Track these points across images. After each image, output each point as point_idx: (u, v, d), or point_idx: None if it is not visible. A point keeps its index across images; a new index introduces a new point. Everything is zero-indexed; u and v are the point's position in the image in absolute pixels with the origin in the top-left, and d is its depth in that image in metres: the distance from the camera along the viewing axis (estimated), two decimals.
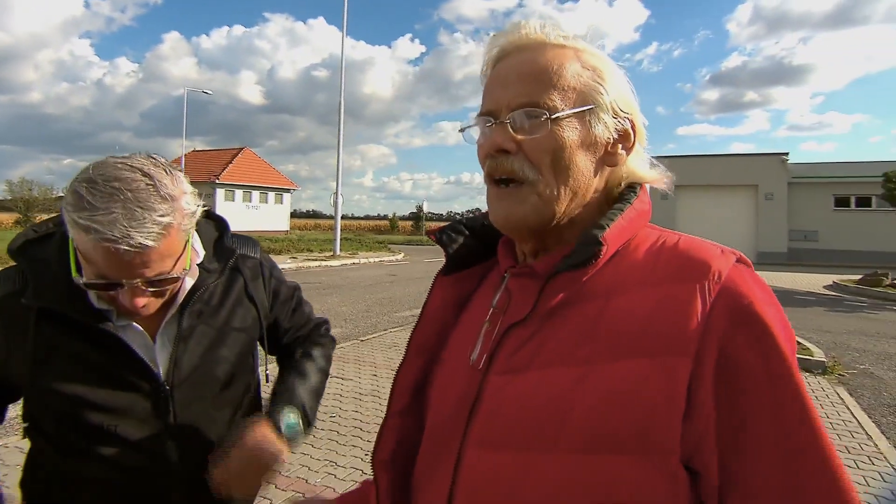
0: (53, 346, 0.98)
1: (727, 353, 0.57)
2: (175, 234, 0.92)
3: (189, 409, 1.05)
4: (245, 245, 1.21)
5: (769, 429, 0.56)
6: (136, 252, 0.87)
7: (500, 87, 0.67)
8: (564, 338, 0.62)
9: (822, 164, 27.92)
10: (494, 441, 0.62)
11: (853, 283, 14.48)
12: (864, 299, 12.61)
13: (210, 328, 1.08)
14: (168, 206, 0.91)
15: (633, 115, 0.69)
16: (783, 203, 26.47)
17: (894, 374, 6.12)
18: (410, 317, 9.07)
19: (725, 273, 0.60)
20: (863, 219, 26.10)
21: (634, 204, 0.68)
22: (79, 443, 1.01)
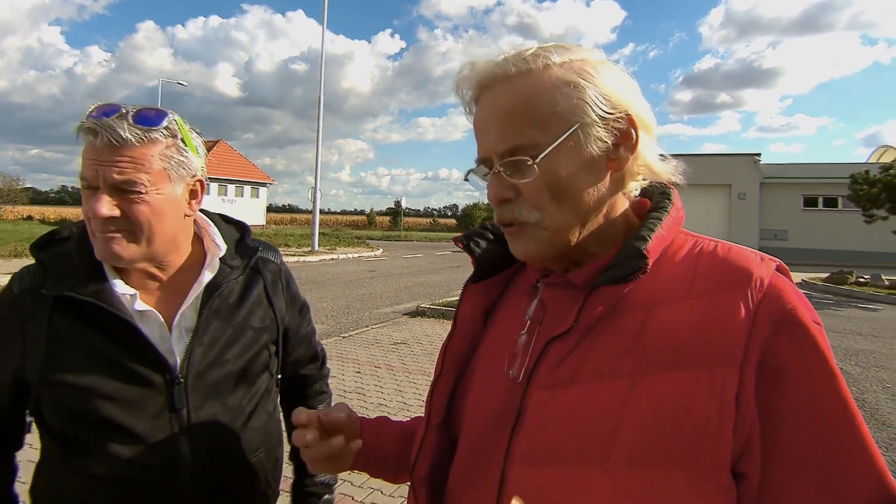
0: (67, 339, 0.97)
1: (769, 357, 0.56)
2: (155, 150, 0.94)
3: (203, 406, 1.02)
4: (267, 250, 1.20)
5: (811, 431, 0.55)
6: (111, 146, 0.90)
7: (483, 134, 0.66)
8: (607, 351, 0.61)
9: (791, 165, 28.67)
10: (541, 457, 0.61)
11: (820, 280, 14.91)
12: (830, 297, 13.01)
13: (227, 325, 1.06)
14: (163, 129, 0.94)
15: (628, 109, 0.64)
16: (755, 203, 27.10)
17: (861, 369, 6.33)
18: (391, 313, 9.06)
19: (767, 280, 0.60)
20: (830, 219, 26.89)
21: (671, 212, 0.67)
22: (90, 439, 0.98)
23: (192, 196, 1.04)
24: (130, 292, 0.99)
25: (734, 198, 27.25)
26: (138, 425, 0.97)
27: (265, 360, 1.13)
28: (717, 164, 26.76)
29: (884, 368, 6.40)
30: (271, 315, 1.14)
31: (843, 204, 25.49)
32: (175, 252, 1.05)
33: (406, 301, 10.29)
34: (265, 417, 1.14)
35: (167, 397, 0.99)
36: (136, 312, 1.00)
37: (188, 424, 1.00)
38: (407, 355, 6.25)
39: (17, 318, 0.99)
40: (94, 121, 0.91)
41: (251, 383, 1.10)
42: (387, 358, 6.10)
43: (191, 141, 1.01)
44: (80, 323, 0.97)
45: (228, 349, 1.06)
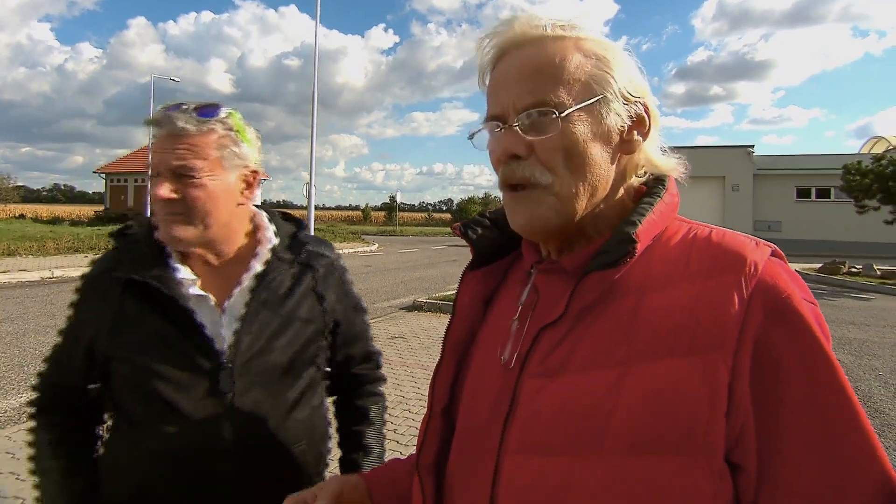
0: (132, 318, 1.05)
1: (763, 347, 0.55)
2: (212, 141, 1.03)
3: (247, 393, 1.05)
4: (321, 245, 1.23)
5: (809, 422, 0.55)
6: (173, 134, 1.00)
7: (504, 89, 0.65)
8: (599, 338, 0.61)
9: (784, 157, 28.81)
10: (535, 446, 0.61)
11: (814, 271, 15.01)
12: (823, 287, 13.09)
13: (275, 315, 1.09)
14: (218, 121, 1.04)
15: (644, 98, 0.66)
16: (748, 194, 27.23)
17: (854, 357, 6.40)
18: (388, 308, 9.06)
19: (761, 266, 0.58)
20: (822, 209, 27.05)
21: (664, 197, 0.66)
22: (144, 414, 1.05)
23: (245, 186, 1.10)
24: (190, 276, 1.06)
25: (728, 189, 27.36)
26: (186, 405, 1.03)
27: (312, 353, 1.15)
28: (710, 157, 26.85)
29: (876, 357, 6.47)
30: (319, 307, 1.16)
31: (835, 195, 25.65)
32: (230, 240, 1.11)
33: (402, 295, 10.30)
34: (309, 410, 1.15)
35: (213, 381, 1.03)
36: (192, 297, 1.06)
37: (232, 409, 1.03)
38: (404, 349, 6.26)
39: (94, 296, 1.09)
40: (159, 114, 1.02)
41: (297, 375, 1.12)
42: (384, 352, 6.04)
43: (245, 134, 1.09)
44: (144, 304, 1.05)
45: (275, 339, 1.09)
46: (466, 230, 0.76)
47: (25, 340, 6.30)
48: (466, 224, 0.77)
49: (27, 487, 3.03)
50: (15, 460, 3.35)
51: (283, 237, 1.17)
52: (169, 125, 1.00)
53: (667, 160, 0.70)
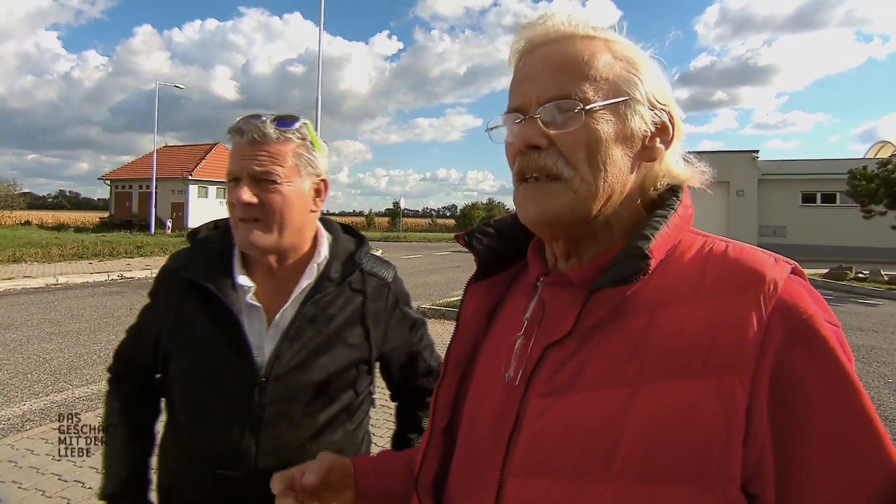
0: (189, 318, 1.10)
1: (783, 371, 0.52)
2: (289, 149, 1.07)
3: (277, 406, 1.06)
4: (378, 265, 1.22)
5: (832, 451, 0.52)
6: (254, 141, 1.05)
7: (528, 82, 0.63)
8: (609, 356, 0.58)
9: (789, 162, 28.71)
10: (539, 468, 0.58)
11: (820, 276, 14.92)
12: (830, 292, 13.00)
13: (318, 334, 1.10)
14: (296, 131, 1.08)
15: (670, 108, 0.65)
16: (753, 199, 27.13)
17: (862, 364, 6.32)
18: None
19: (781, 284, 0.55)
20: (828, 214, 26.94)
21: (678, 210, 0.64)
22: (183, 414, 1.10)
23: (316, 194, 1.14)
24: (248, 284, 1.09)
25: (732, 195, 27.27)
26: (221, 413, 1.05)
27: (351, 378, 1.14)
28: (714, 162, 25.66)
29: (885, 364, 6.41)
30: (364, 334, 1.15)
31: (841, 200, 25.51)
32: (298, 248, 1.14)
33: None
34: (342, 434, 1.14)
35: (247, 391, 1.05)
36: (246, 305, 1.09)
37: (260, 421, 1.05)
38: None
39: (165, 290, 1.16)
40: (242, 122, 1.07)
41: (332, 397, 1.12)
42: None
43: (318, 144, 1.13)
44: (201, 307, 1.09)
45: (315, 357, 1.09)
46: (471, 240, 0.74)
47: (29, 347, 6.31)
48: (470, 233, 0.75)
49: (29, 497, 3.01)
50: (17, 469, 3.34)
51: (340, 254, 1.18)
52: (251, 133, 1.05)
53: (687, 170, 0.68)
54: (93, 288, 11.18)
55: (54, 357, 5.96)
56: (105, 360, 5.78)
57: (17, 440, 3.78)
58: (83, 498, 3.01)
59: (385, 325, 1.19)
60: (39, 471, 3.31)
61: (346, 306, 1.14)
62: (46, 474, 3.26)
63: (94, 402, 4.57)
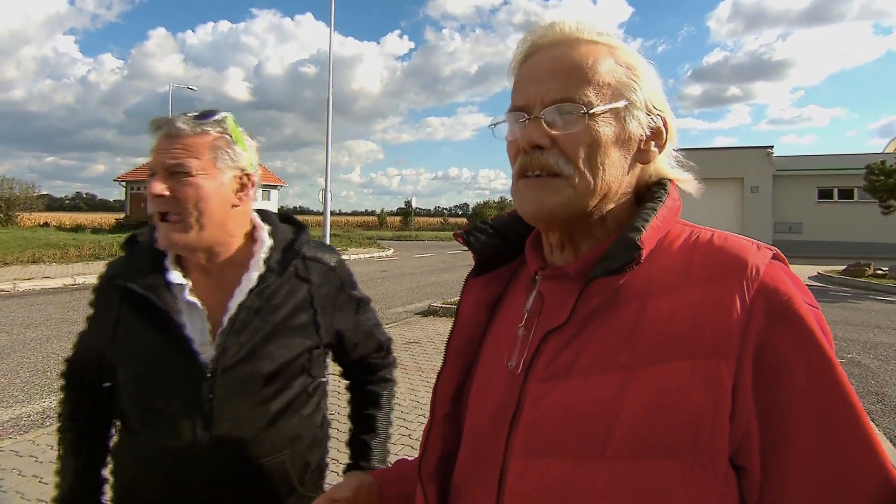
0: (128, 325, 1.09)
1: (765, 350, 0.56)
2: (206, 141, 1.06)
3: (228, 401, 1.06)
4: (320, 250, 1.22)
5: (812, 424, 0.55)
6: (169, 135, 1.04)
7: (533, 83, 0.66)
8: (604, 342, 0.61)
9: (805, 157, 28.27)
10: (540, 449, 0.62)
11: (837, 273, 14.70)
12: (847, 289, 12.82)
13: (265, 324, 1.09)
14: (213, 124, 1.07)
15: (665, 114, 0.69)
16: (768, 196, 26.77)
17: (881, 362, 6.24)
18: (403, 313, 9.07)
19: (763, 269, 0.59)
20: (845, 210, 26.50)
21: (666, 202, 0.67)
22: (134, 419, 1.09)
23: (240, 188, 1.12)
24: (182, 282, 1.09)
25: (747, 191, 26.93)
26: (170, 413, 1.05)
27: (302, 364, 1.14)
28: (729, 158, 26.49)
29: None
30: (313, 319, 1.16)
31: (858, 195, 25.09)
32: (226, 244, 1.12)
33: (418, 300, 10.31)
34: (297, 420, 1.15)
35: (194, 389, 1.04)
36: (184, 303, 1.08)
37: (211, 417, 1.05)
38: (419, 354, 6.26)
39: (103, 302, 1.15)
40: (159, 118, 1.07)
41: (284, 385, 1.12)
42: (399, 357, 6.04)
43: (241, 138, 1.12)
44: (139, 312, 1.08)
45: (262, 348, 1.09)
46: (468, 237, 0.77)
47: (48, 346, 6.42)
48: (469, 231, 0.78)
49: (49, 490, 3.08)
50: (38, 464, 3.41)
51: (279, 244, 1.16)
52: (167, 127, 1.05)
53: (678, 173, 0.72)
54: None
55: None
56: None
57: (38, 436, 3.85)
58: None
59: (332, 308, 1.19)
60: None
61: (291, 294, 1.13)
62: None
63: None
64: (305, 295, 1.15)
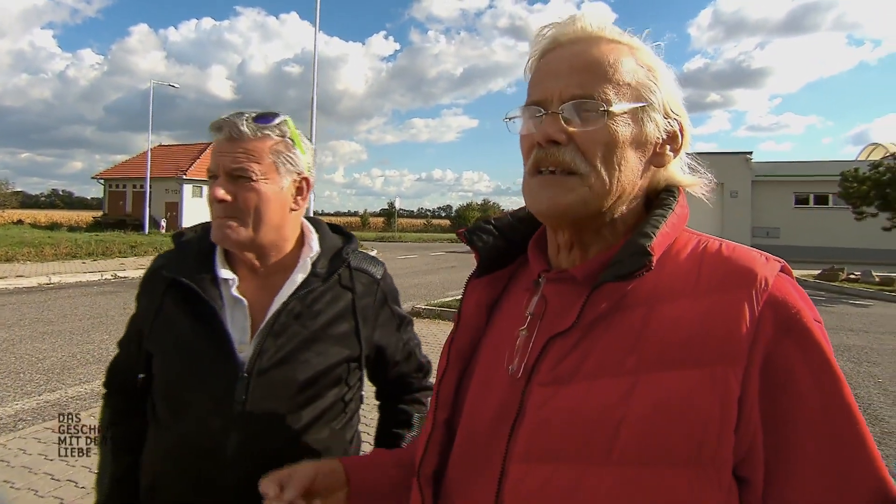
0: (170, 316, 1.09)
1: (773, 361, 0.56)
2: (267, 146, 1.06)
3: (261, 403, 1.04)
4: (369, 263, 1.22)
5: (818, 437, 0.56)
6: (232, 139, 1.04)
7: (552, 78, 0.65)
8: (610, 347, 0.61)
9: (783, 164, 28.91)
10: (542, 454, 0.60)
11: (812, 277, 15.01)
12: (822, 293, 13.10)
13: (304, 329, 1.08)
14: (274, 128, 1.07)
15: (682, 118, 0.68)
16: (747, 201, 27.30)
17: (853, 364, 6.39)
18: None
19: (772, 281, 0.59)
20: (821, 216, 27.14)
21: (675, 209, 0.67)
22: (165, 413, 1.08)
23: (297, 192, 1.13)
24: (231, 276, 1.09)
25: (726, 196, 27.40)
26: (202, 409, 1.03)
27: (340, 374, 1.12)
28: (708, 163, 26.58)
29: (875, 364, 6.46)
30: (354, 330, 1.14)
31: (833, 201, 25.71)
32: (279, 246, 1.12)
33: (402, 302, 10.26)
34: (328, 432, 1.12)
35: (229, 387, 1.03)
36: (230, 298, 1.08)
37: (242, 418, 1.02)
38: None
39: (148, 292, 1.15)
40: (221, 119, 1.06)
41: (318, 394, 1.10)
42: None
43: (300, 141, 1.12)
44: (183, 304, 1.08)
45: (300, 353, 1.07)
46: (471, 237, 0.76)
47: (21, 347, 6.27)
48: (471, 230, 0.77)
49: (21, 496, 3.00)
50: (10, 468, 3.32)
51: (327, 251, 1.16)
52: (229, 129, 1.04)
53: (689, 177, 0.71)
54: (86, 287, 11.12)
55: (47, 357, 5.92)
56: (98, 360, 5.76)
57: (10, 440, 3.76)
58: (76, 497, 3.00)
59: (374, 321, 1.18)
60: (32, 470, 3.29)
61: (334, 302, 1.12)
62: (39, 474, 3.25)
63: (87, 402, 4.55)
64: (348, 304, 1.14)
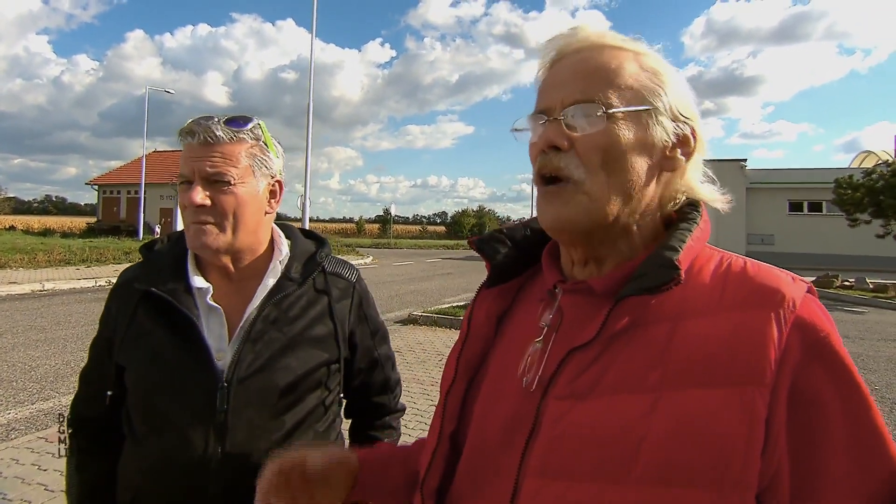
0: (143, 329, 1.07)
1: (801, 385, 0.55)
2: (243, 149, 1.06)
3: (241, 411, 1.03)
4: (340, 266, 1.22)
5: (850, 469, 0.54)
6: (206, 142, 1.03)
7: (556, 87, 0.66)
8: (631, 362, 0.59)
9: (777, 171, 29.10)
10: (558, 470, 0.59)
11: None
12: None
13: (282, 335, 1.07)
14: (249, 132, 1.07)
15: (693, 122, 0.66)
16: (741, 208, 27.41)
17: None
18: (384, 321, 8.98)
19: (799, 303, 0.58)
20: (815, 223, 27.30)
21: (700, 224, 0.66)
22: (143, 426, 1.06)
23: (271, 195, 1.13)
24: (205, 286, 1.07)
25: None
26: (182, 421, 1.01)
27: (319, 378, 1.11)
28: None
29: (871, 371, 6.48)
30: (332, 332, 1.13)
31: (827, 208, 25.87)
32: (253, 249, 1.12)
33: (397, 309, 10.25)
34: (311, 436, 1.11)
35: (209, 397, 1.01)
36: (206, 307, 1.07)
37: (224, 427, 1.01)
38: (400, 364, 6.15)
39: (115, 306, 1.13)
40: (193, 123, 1.04)
41: (300, 399, 1.09)
42: None
43: (272, 144, 1.12)
44: (156, 316, 1.06)
45: (279, 359, 1.06)
46: (483, 246, 0.76)
47: (14, 355, 6.21)
48: (482, 240, 0.76)
49: None
50: (2, 479, 3.28)
51: (300, 255, 1.16)
52: (203, 134, 1.03)
53: (708, 189, 0.70)
54: (80, 294, 11.05)
55: (40, 365, 5.86)
56: None
57: (3, 450, 3.71)
58: None
59: (349, 324, 1.17)
60: (25, 481, 3.25)
61: (310, 307, 1.12)
62: (32, 484, 3.21)
63: None
64: (325, 307, 1.14)
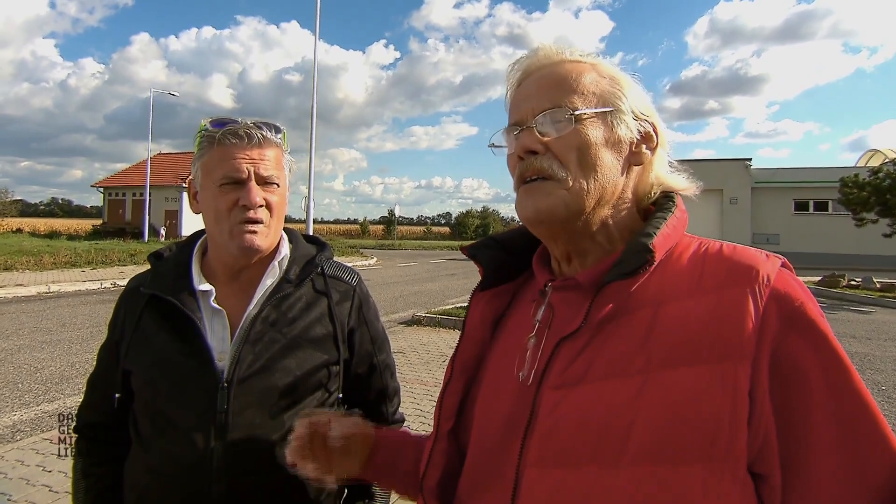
0: (149, 333, 1.09)
1: (781, 354, 0.57)
2: (281, 155, 1.12)
3: (243, 413, 1.04)
4: (341, 270, 1.23)
5: (832, 425, 0.56)
6: (258, 144, 1.06)
7: (525, 100, 0.71)
8: (618, 348, 0.62)
9: (782, 170, 28.96)
10: (555, 458, 0.61)
11: (812, 284, 14.99)
12: (823, 300, 13.07)
13: (282, 336, 1.08)
14: (282, 139, 1.12)
15: (653, 119, 0.72)
16: (747, 207, 27.35)
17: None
18: (387, 322, 8.97)
19: (773, 276, 0.61)
20: (821, 222, 27.16)
21: (675, 213, 0.70)
22: (147, 429, 1.07)
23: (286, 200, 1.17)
24: (208, 288, 1.09)
25: (726, 202, 27.47)
26: (184, 423, 1.02)
27: (319, 380, 1.12)
28: (708, 169, 26.94)
29: (878, 371, 6.44)
30: (332, 333, 1.14)
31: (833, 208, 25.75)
32: (270, 251, 1.14)
33: (401, 310, 10.26)
34: None
35: (210, 398, 1.03)
36: (210, 309, 1.08)
37: (226, 428, 1.02)
38: (403, 365, 6.21)
39: (123, 311, 1.15)
40: (236, 126, 1.06)
41: (300, 399, 1.09)
42: None
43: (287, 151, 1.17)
44: (161, 319, 1.08)
45: (279, 360, 1.07)
46: (475, 252, 0.80)
47: (20, 356, 6.25)
48: (474, 246, 0.81)
49: None
50: (7, 480, 3.29)
51: (300, 258, 1.17)
52: (256, 135, 1.07)
53: (677, 179, 0.75)
54: (85, 296, 11.11)
55: (46, 366, 5.89)
56: None
57: (7, 451, 3.73)
58: None
59: (348, 326, 1.17)
60: (30, 482, 3.26)
61: (310, 308, 1.13)
62: (37, 486, 3.22)
63: None
64: (325, 309, 1.15)
